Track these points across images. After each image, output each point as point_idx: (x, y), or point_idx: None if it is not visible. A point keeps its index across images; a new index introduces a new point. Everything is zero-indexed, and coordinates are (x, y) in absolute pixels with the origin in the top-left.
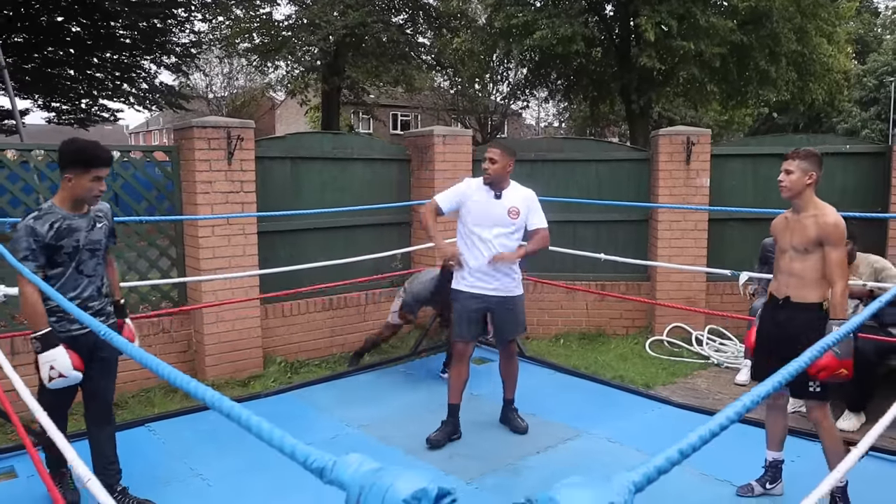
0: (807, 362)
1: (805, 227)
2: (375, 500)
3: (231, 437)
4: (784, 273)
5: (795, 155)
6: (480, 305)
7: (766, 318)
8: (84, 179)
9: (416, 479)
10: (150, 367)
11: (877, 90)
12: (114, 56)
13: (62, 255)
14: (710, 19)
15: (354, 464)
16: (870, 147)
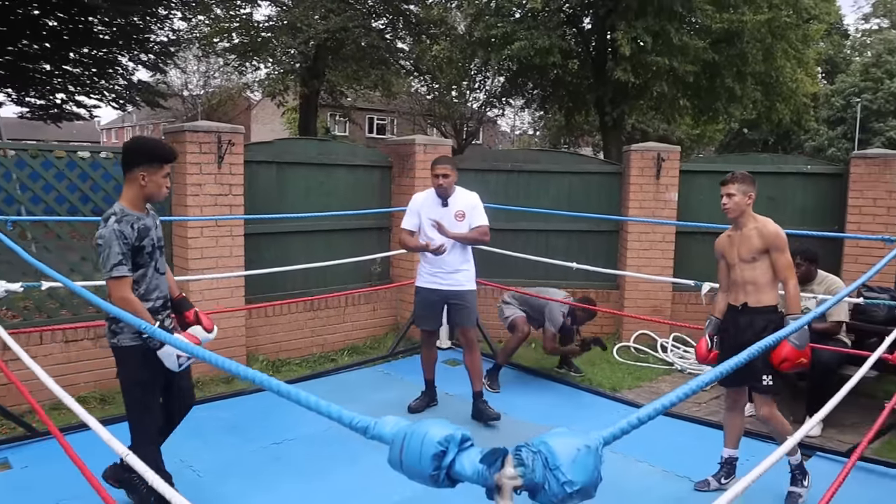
0: (758, 350)
1: (749, 238)
2: (416, 442)
3: (215, 431)
4: (737, 283)
5: (734, 179)
6: (437, 298)
7: (728, 326)
8: (158, 176)
9: (445, 426)
10: (204, 358)
11: (844, 110)
12: (91, 51)
13: (144, 256)
14: (684, 38)
15: (392, 422)
16: (828, 168)
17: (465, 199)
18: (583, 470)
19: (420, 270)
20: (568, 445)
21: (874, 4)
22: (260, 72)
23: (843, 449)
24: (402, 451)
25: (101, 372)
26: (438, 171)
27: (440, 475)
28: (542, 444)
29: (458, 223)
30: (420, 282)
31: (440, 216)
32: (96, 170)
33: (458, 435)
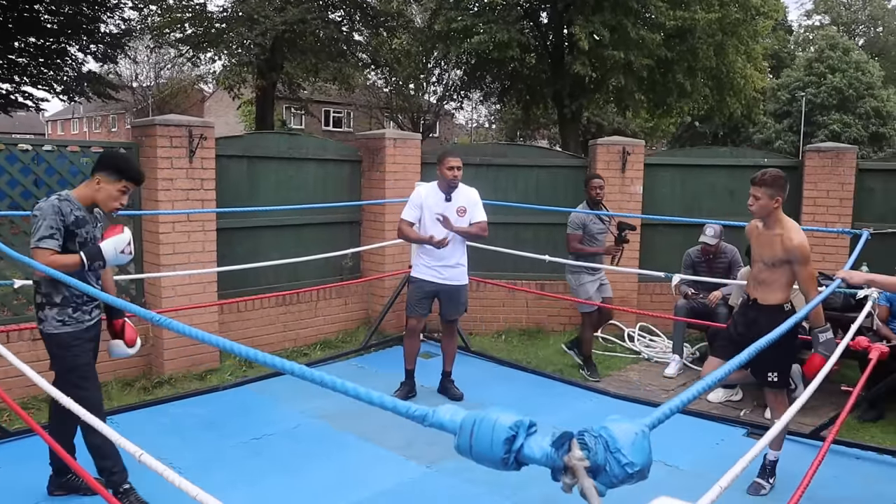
0: (758, 349)
1: (772, 243)
2: (487, 428)
3: (193, 429)
4: (753, 278)
5: (762, 182)
6: (432, 289)
7: (739, 315)
8: (113, 187)
9: (512, 414)
10: (211, 342)
11: (789, 104)
12: (38, 41)
13: (75, 244)
14: (640, 32)
15: (450, 410)
16: (784, 160)
17: (467, 195)
18: (641, 452)
19: (417, 262)
20: (626, 430)
21: (816, 2)
22: (215, 64)
23: (805, 431)
24: (473, 436)
25: None
26: (452, 164)
27: (510, 458)
28: (602, 430)
29: (460, 218)
30: (418, 273)
31: (443, 210)
32: (62, 163)
33: (527, 421)
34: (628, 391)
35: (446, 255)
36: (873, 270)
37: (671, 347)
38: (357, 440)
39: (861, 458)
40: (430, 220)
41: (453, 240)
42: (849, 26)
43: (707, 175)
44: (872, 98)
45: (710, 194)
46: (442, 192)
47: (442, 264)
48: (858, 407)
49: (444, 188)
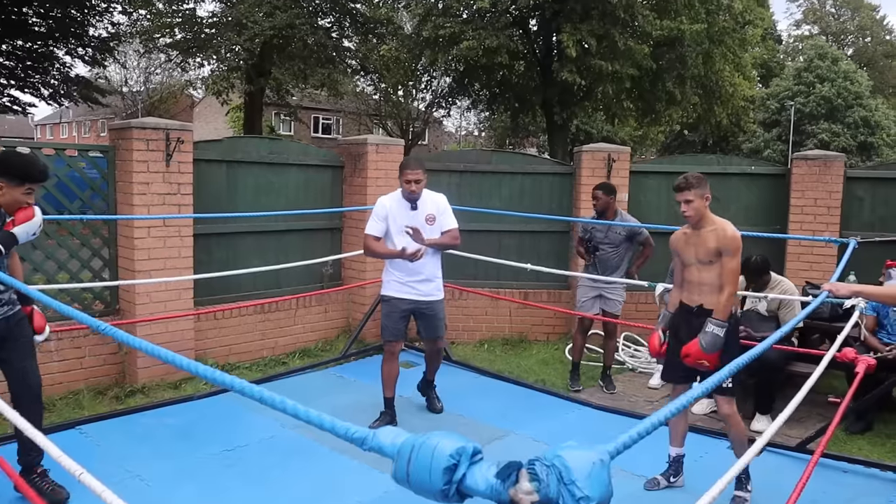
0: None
1: (706, 240)
2: (426, 455)
3: (164, 439)
4: (693, 283)
5: (689, 185)
6: (407, 308)
7: (680, 325)
8: (17, 192)
9: (455, 440)
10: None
11: (778, 113)
12: (25, 44)
13: None
14: (628, 42)
15: (391, 433)
16: (772, 168)
17: (435, 202)
18: (598, 484)
19: (387, 278)
20: (582, 459)
21: (805, 12)
22: (204, 69)
23: (791, 444)
24: (410, 464)
25: None
26: (410, 177)
27: (451, 490)
28: (556, 458)
29: (429, 227)
30: (389, 290)
31: (410, 221)
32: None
33: (470, 448)
34: (611, 402)
35: (419, 268)
36: (860, 279)
37: (650, 355)
38: (332, 452)
39: (849, 472)
40: (397, 232)
41: (426, 251)
42: (837, 36)
43: None
44: (861, 108)
45: None
46: (406, 200)
47: (415, 279)
48: (846, 419)
49: (408, 196)
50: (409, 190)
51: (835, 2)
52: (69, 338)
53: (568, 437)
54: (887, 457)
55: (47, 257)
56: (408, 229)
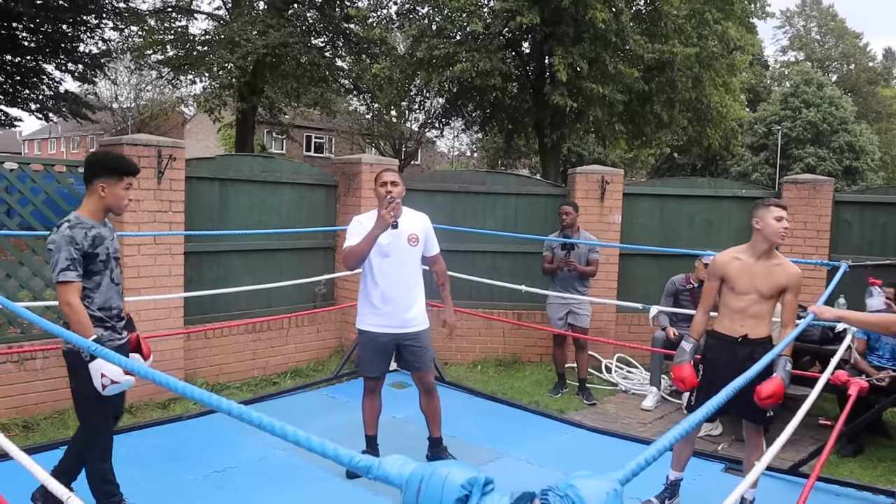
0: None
1: (774, 275)
2: (436, 486)
3: (153, 460)
4: (740, 312)
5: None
6: (386, 341)
7: (720, 355)
8: (118, 188)
9: (465, 470)
10: (154, 379)
11: (766, 137)
12: (14, 59)
13: (98, 264)
14: (619, 66)
15: (398, 462)
16: (762, 192)
17: (419, 221)
18: None
19: (362, 310)
20: (596, 489)
21: (791, 38)
22: (196, 86)
23: (784, 466)
24: (420, 494)
25: (23, 397)
26: (386, 178)
27: None
28: (569, 489)
29: (412, 248)
30: (364, 324)
31: (392, 240)
32: (24, 182)
33: (482, 478)
34: (604, 424)
35: (398, 298)
36: (849, 302)
37: (649, 379)
38: (325, 474)
39: (841, 495)
40: (377, 254)
41: (408, 275)
42: (822, 62)
43: (686, 205)
44: (846, 133)
45: (688, 224)
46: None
47: (393, 308)
48: (837, 442)
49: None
50: (386, 192)
51: (820, 29)
52: (55, 356)
53: (562, 459)
54: (878, 480)
55: (34, 274)
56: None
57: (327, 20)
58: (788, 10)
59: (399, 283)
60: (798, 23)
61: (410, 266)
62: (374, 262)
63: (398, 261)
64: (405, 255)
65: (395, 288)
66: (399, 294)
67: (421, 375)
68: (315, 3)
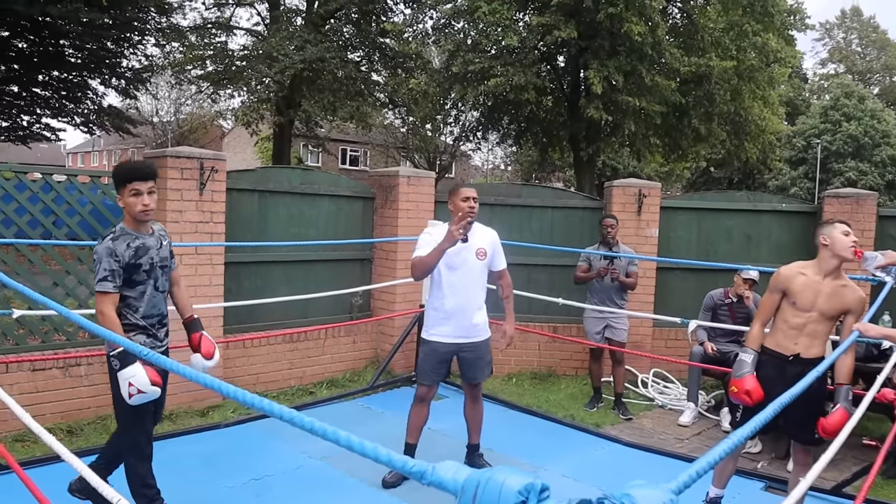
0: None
1: (841, 295)
2: (493, 492)
3: (192, 467)
4: (797, 330)
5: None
6: (449, 351)
7: (771, 373)
8: (126, 196)
9: (522, 476)
10: (205, 384)
11: (805, 150)
12: (61, 75)
13: (141, 274)
14: (655, 78)
15: (452, 468)
16: (802, 206)
17: (487, 236)
18: None
19: (428, 320)
20: (651, 499)
21: (830, 50)
22: (234, 100)
23: (827, 486)
24: (476, 500)
25: (68, 402)
26: (468, 194)
27: None
28: (625, 497)
29: (480, 262)
30: (429, 334)
31: (459, 253)
32: (71, 193)
33: (538, 484)
34: (641, 439)
35: (464, 307)
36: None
37: (686, 395)
38: (359, 483)
39: None
40: (445, 266)
41: (474, 288)
42: (864, 75)
43: (724, 219)
44: (888, 146)
45: (726, 238)
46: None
47: (459, 319)
48: (884, 462)
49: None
50: (469, 208)
51: (861, 41)
52: (100, 362)
53: (598, 474)
54: None
55: (80, 282)
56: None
57: (363, 35)
58: (828, 22)
59: (465, 295)
60: (838, 35)
61: (477, 279)
62: (442, 274)
63: (465, 274)
64: (472, 269)
65: (461, 300)
66: (464, 306)
67: (475, 385)
68: (351, 18)
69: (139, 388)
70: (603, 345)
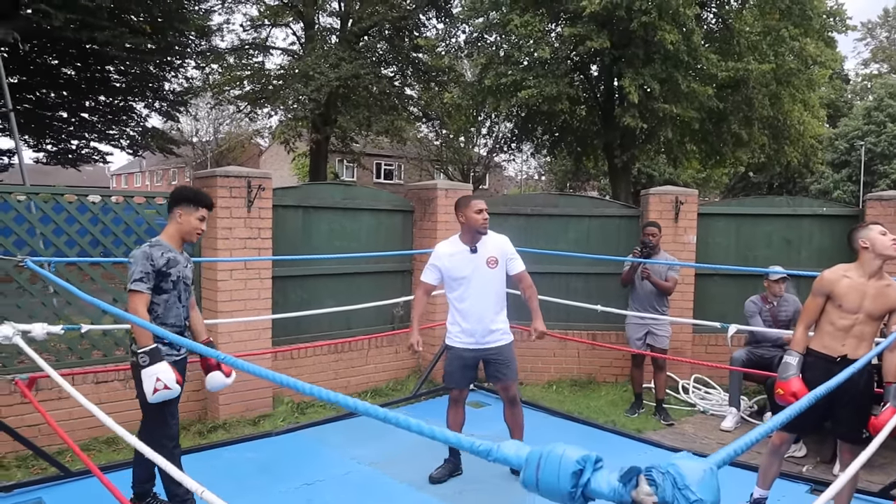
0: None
1: (886, 295)
2: (554, 462)
3: (247, 473)
4: (843, 332)
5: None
6: (472, 356)
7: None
8: (192, 217)
9: (578, 449)
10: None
11: (848, 153)
12: (107, 99)
13: (169, 283)
14: (691, 84)
15: (515, 445)
16: (844, 210)
17: (496, 244)
18: (709, 489)
19: (449, 327)
20: (695, 468)
21: (873, 50)
22: (271, 119)
23: (874, 489)
24: (539, 469)
25: (129, 413)
26: (481, 206)
27: (577, 492)
28: (671, 466)
29: (491, 270)
30: (451, 340)
31: (469, 264)
32: (128, 213)
33: (594, 456)
34: (683, 444)
35: (482, 319)
36: None
37: (727, 400)
38: (408, 488)
39: None
40: (457, 279)
41: (490, 296)
42: None
43: (763, 224)
44: None
45: (766, 244)
46: (465, 244)
47: (477, 326)
48: None
49: (467, 239)
50: (483, 219)
51: None
52: None
53: None
54: None
55: (115, 300)
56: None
57: (397, 51)
58: (870, 22)
59: (481, 303)
60: (881, 34)
61: (491, 286)
62: (456, 289)
63: (479, 283)
64: (485, 278)
65: (478, 308)
66: (482, 314)
67: (505, 386)
68: (385, 35)
69: (165, 384)
70: (645, 351)
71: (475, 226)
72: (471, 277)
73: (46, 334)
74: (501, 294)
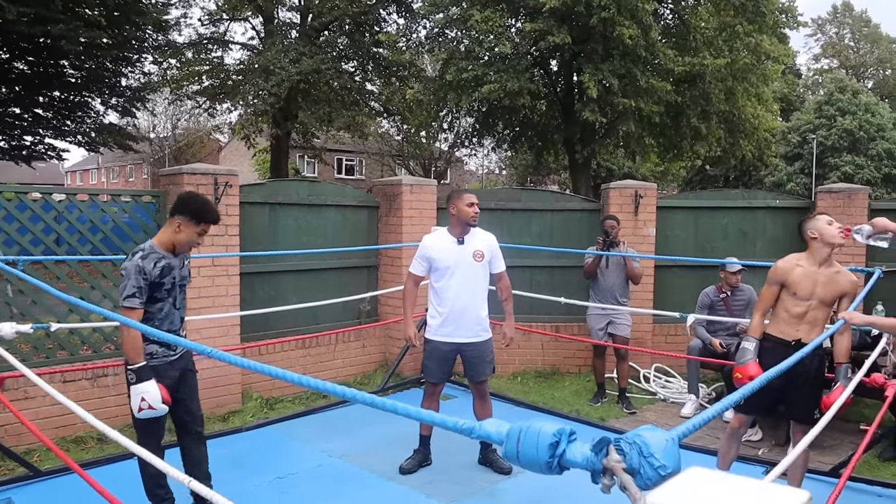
0: (769, 377)
1: (836, 282)
2: (532, 435)
3: (219, 468)
4: (796, 318)
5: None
6: (450, 349)
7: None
8: (193, 230)
9: (554, 423)
10: (273, 374)
11: (800, 146)
12: (61, 95)
13: (163, 292)
14: (650, 80)
15: (495, 423)
16: (796, 202)
17: (484, 239)
18: (671, 457)
19: (430, 321)
20: (658, 437)
21: (823, 46)
22: (231, 114)
23: (825, 469)
24: (519, 443)
25: (97, 412)
26: (473, 200)
27: (554, 462)
28: (637, 437)
29: (477, 263)
30: (431, 334)
31: (455, 256)
32: (94, 211)
33: (568, 429)
34: None
35: (466, 314)
36: (888, 309)
37: (687, 388)
38: (378, 479)
39: (883, 496)
40: (444, 271)
41: (472, 290)
42: (857, 69)
43: (720, 217)
44: (884, 140)
45: (722, 236)
46: (453, 236)
47: (458, 320)
48: (878, 445)
49: (456, 231)
50: (474, 213)
51: (853, 35)
52: None
53: None
54: None
55: (104, 296)
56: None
57: (357, 46)
58: (820, 18)
59: (464, 297)
60: (830, 30)
61: (474, 281)
62: (441, 278)
63: (463, 276)
64: (470, 270)
65: (460, 302)
66: (464, 307)
67: (479, 381)
68: (345, 30)
69: (150, 404)
70: (607, 342)
71: (465, 218)
72: (455, 268)
73: (15, 333)
74: (484, 289)
